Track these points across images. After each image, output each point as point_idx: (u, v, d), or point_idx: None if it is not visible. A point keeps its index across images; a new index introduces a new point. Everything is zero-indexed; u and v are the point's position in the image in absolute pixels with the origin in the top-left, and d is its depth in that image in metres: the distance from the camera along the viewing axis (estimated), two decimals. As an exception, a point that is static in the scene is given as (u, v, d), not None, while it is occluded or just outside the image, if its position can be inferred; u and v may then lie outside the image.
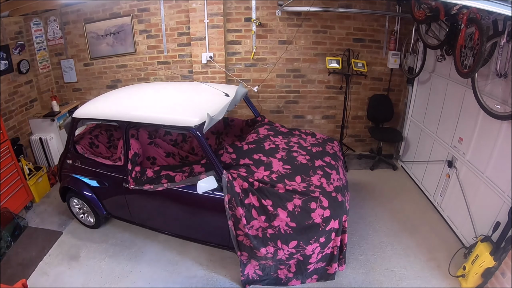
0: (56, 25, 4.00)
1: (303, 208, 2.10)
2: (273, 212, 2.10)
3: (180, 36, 3.93)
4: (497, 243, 2.15)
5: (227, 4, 3.74)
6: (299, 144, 2.77)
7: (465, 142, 2.78)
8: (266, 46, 3.93)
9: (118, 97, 2.93)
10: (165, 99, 2.77)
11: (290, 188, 2.20)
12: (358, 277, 2.45)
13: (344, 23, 3.84)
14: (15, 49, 3.59)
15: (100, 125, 3.19)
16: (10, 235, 2.79)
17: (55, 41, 4.06)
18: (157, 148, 3.01)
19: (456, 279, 2.39)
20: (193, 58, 3.89)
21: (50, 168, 3.83)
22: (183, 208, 2.46)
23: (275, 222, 2.10)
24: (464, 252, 2.50)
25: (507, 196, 2.23)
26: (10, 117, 3.57)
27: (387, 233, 2.91)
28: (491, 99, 2.37)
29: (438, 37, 2.88)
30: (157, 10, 3.83)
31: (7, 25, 3.50)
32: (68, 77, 4.25)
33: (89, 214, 2.93)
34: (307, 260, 2.21)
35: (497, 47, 2.19)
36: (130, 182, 2.46)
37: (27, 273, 2.50)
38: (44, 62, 4.04)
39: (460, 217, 2.79)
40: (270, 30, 3.86)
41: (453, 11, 2.37)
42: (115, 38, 4.01)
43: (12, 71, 3.57)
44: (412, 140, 3.91)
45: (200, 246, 2.67)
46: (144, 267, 2.57)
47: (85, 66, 4.20)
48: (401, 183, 3.76)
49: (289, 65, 4.02)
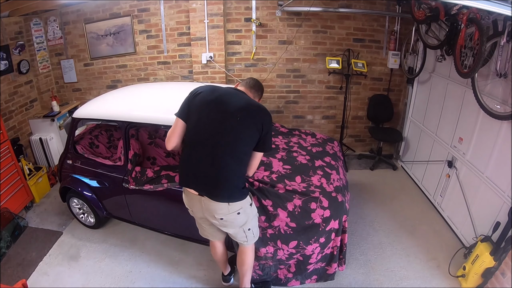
0: (56, 25, 4.00)
1: (303, 208, 2.10)
2: (273, 212, 2.10)
3: (180, 36, 3.93)
4: (497, 243, 2.15)
5: (227, 4, 3.74)
6: (299, 144, 2.77)
7: (465, 142, 2.78)
8: (266, 46, 3.93)
9: (118, 97, 2.94)
10: (165, 99, 2.77)
11: (290, 188, 2.20)
12: (358, 277, 2.45)
13: (344, 23, 3.84)
14: (15, 49, 3.59)
15: (100, 125, 3.19)
16: (10, 235, 2.80)
17: (55, 41, 4.07)
18: (157, 148, 3.01)
19: (456, 279, 2.39)
20: (193, 58, 3.89)
21: (50, 168, 3.83)
22: (183, 208, 2.45)
23: (275, 222, 2.10)
24: (464, 252, 2.49)
25: (507, 196, 2.23)
26: (10, 117, 3.58)
27: (387, 233, 2.91)
28: (491, 99, 2.37)
29: (438, 37, 2.88)
30: (157, 10, 3.83)
31: (7, 25, 3.50)
32: (68, 77, 4.25)
33: (89, 214, 2.93)
34: (307, 260, 2.21)
35: (497, 47, 2.19)
36: (130, 182, 2.46)
37: (27, 273, 2.50)
38: (44, 62, 4.04)
39: (460, 217, 2.79)
40: (270, 30, 3.86)
41: (453, 11, 2.37)
42: (115, 38, 4.01)
43: (12, 71, 3.57)
44: (412, 140, 3.91)
45: (200, 246, 2.66)
46: (144, 267, 2.57)
47: (85, 66, 4.20)
48: (401, 183, 3.76)
49: (289, 65, 4.02)
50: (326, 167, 2.49)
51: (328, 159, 2.61)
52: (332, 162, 2.58)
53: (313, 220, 2.08)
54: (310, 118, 4.32)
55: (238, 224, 1.84)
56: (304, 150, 2.69)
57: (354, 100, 4.17)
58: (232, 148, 1.71)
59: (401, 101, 4.23)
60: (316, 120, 4.34)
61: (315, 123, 4.35)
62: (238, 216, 1.80)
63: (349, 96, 4.01)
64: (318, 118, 4.32)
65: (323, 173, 2.41)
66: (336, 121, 4.33)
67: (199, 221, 2.02)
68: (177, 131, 1.83)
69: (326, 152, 2.73)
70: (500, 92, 2.31)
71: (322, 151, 2.74)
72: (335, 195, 2.19)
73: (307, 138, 2.94)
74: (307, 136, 2.99)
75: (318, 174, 2.40)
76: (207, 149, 1.70)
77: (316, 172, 2.41)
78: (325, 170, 2.45)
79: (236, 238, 1.96)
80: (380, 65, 4.05)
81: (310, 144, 2.81)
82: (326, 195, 2.17)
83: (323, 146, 2.82)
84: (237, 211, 1.77)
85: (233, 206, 1.75)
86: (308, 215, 2.09)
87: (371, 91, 4.17)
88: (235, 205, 1.75)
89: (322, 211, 2.09)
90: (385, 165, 4.11)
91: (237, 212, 1.77)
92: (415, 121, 3.81)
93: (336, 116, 4.31)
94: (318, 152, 2.69)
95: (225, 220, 1.79)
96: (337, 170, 2.51)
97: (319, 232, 2.09)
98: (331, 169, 2.49)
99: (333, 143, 2.95)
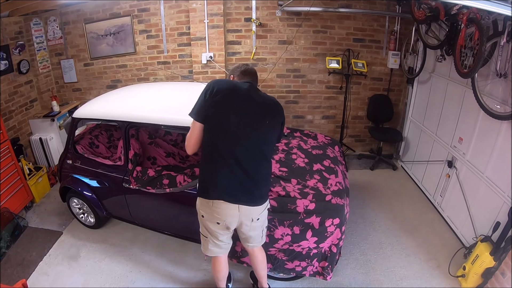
0: (56, 25, 4.00)
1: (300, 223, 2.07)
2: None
3: (180, 36, 3.93)
4: (497, 243, 2.15)
5: (227, 4, 3.74)
6: (299, 146, 2.74)
7: (465, 142, 2.78)
8: (266, 46, 3.93)
9: (118, 97, 2.94)
10: (165, 99, 2.77)
11: (283, 193, 2.15)
12: (358, 277, 2.45)
13: (344, 23, 3.84)
14: (15, 49, 3.59)
15: (100, 125, 3.19)
16: (10, 235, 2.80)
17: (55, 41, 4.06)
18: (157, 148, 3.01)
19: (456, 279, 2.39)
20: (193, 58, 3.89)
21: (50, 168, 3.83)
22: (183, 208, 2.45)
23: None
24: (464, 252, 2.50)
25: (507, 196, 2.23)
26: (10, 117, 3.57)
27: (387, 233, 2.91)
28: (491, 99, 2.37)
29: (438, 37, 2.88)
30: (157, 10, 3.83)
31: (7, 25, 3.50)
32: (68, 77, 4.25)
33: (89, 214, 2.93)
34: (272, 243, 2.14)
35: (497, 47, 2.19)
36: (132, 182, 2.46)
37: (27, 273, 2.50)
38: (44, 62, 4.04)
39: (460, 217, 2.79)
40: (270, 30, 3.86)
41: (453, 11, 2.37)
42: (115, 38, 4.01)
43: (12, 71, 3.57)
44: (412, 140, 3.91)
45: (200, 246, 2.66)
46: (144, 267, 2.57)
47: (85, 66, 4.20)
48: (401, 183, 3.76)
49: (289, 65, 4.02)
50: (324, 171, 2.44)
51: (327, 162, 2.56)
52: (331, 166, 2.53)
53: (295, 207, 2.06)
54: (310, 118, 4.32)
55: (264, 219, 1.84)
56: (304, 152, 2.66)
57: (354, 100, 4.17)
58: (261, 151, 1.70)
59: (401, 101, 4.23)
60: (316, 120, 4.34)
61: (315, 123, 4.35)
62: (266, 213, 1.83)
63: (349, 96, 4.01)
64: (318, 118, 4.32)
65: (320, 177, 2.36)
66: (336, 121, 4.33)
67: (217, 232, 1.82)
68: (196, 134, 1.72)
69: (326, 155, 2.67)
70: (500, 92, 2.31)
71: (323, 154, 2.68)
72: (330, 198, 2.14)
73: (308, 140, 2.89)
74: (308, 138, 2.94)
75: (315, 178, 2.35)
76: (238, 155, 1.64)
77: (313, 176, 2.36)
78: (323, 174, 2.40)
79: (254, 240, 1.89)
80: (380, 65, 4.05)
81: (310, 147, 2.77)
82: (321, 199, 2.13)
83: (324, 149, 2.76)
84: (267, 206, 1.80)
85: (265, 204, 1.78)
86: (302, 221, 2.06)
87: (371, 91, 4.17)
88: (266, 203, 1.78)
89: (307, 203, 2.08)
90: (385, 165, 4.11)
91: (267, 208, 1.80)
92: (415, 121, 3.81)
93: (336, 116, 4.31)
94: (318, 155, 2.64)
95: (260, 220, 1.79)
96: (336, 174, 2.45)
97: (297, 221, 2.05)
98: (330, 173, 2.44)
99: (334, 147, 2.90)
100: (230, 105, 1.67)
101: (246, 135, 1.65)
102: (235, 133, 1.64)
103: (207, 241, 1.89)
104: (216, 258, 2.00)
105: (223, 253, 1.98)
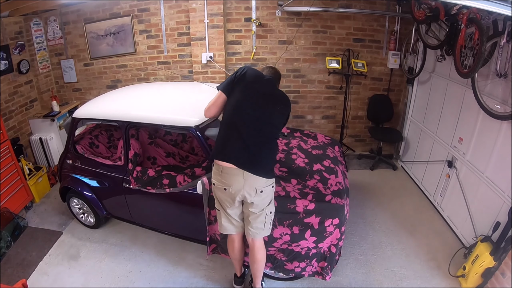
0: (56, 25, 4.00)
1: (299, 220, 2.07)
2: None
3: (180, 36, 3.93)
4: (497, 243, 2.15)
5: (227, 4, 3.75)
6: (299, 146, 2.74)
7: (465, 142, 2.78)
8: (266, 46, 3.93)
9: (118, 97, 2.94)
10: (165, 99, 2.77)
11: (283, 193, 2.16)
12: (358, 277, 2.45)
13: (344, 23, 3.85)
14: (15, 49, 3.59)
15: (100, 125, 3.19)
16: (10, 235, 2.80)
17: (55, 41, 4.07)
18: (157, 148, 3.01)
19: (456, 279, 2.39)
20: (193, 58, 3.89)
21: (50, 168, 3.83)
22: (183, 208, 2.46)
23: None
24: (464, 252, 2.49)
25: (507, 196, 2.23)
26: (10, 117, 3.58)
27: (387, 233, 2.91)
28: (491, 99, 2.37)
29: (438, 37, 2.87)
30: (157, 10, 3.83)
31: (7, 25, 3.50)
32: (68, 77, 4.25)
33: (89, 214, 2.93)
34: (271, 242, 2.16)
35: (497, 47, 2.19)
36: (132, 182, 2.46)
37: (27, 273, 2.50)
38: (44, 62, 4.04)
39: (460, 217, 2.79)
40: (270, 30, 3.86)
41: (453, 11, 2.37)
42: (115, 38, 4.01)
43: (12, 71, 3.57)
44: (412, 140, 3.91)
45: (200, 246, 2.66)
46: (144, 267, 2.57)
47: (85, 66, 4.20)
48: (401, 183, 3.76)
49: (289, 65, 4.02)
50: (324, 171, 2.43)
51: (327, 162, 2.55)
52: (331, 166, 2.52)
53: (295, 207, 2.08)
54: (310, 118, 4.32)
55: (268, 200, 1.95)
56: (304, 152, 2.65)
57: (354, 100, 4.17)
58: (270, 133, 1.96)
59: (401, 101, 4.23)
60: (316, 120, 4.34)
61: (315, 123, 4.35)
62: (271, 191, 1.95)
63: (349, 96, 4.01)
64: (318, 118, 4.32)
65: (320, 177, 2.36)
66: (336, 121, 4.33)
67: (225, 203, 1.96)
68: (219, 102, 2.02)
69: (326, 155, 2.66)
70: (500, 92, 2.31)
71: (323, 154, 2.67)
72: (330, 198, 2.14)
73: (309, 140, 2.88)
74: (308, 138, 2.93)
75: (315, 178, 2.34)
76: (250, 130, 1.88)
77: (313, 176, 2.36)
78: (323, 175, 2.39)
79: (256, 222, 1.96)
80: (380, 65, 4.05)
81: (310, 147, 2.76)
82: (321, 199, 2.13)
83: (324, 149, 2.75)
84: (271, 184, 1.94)
85: (269, 181, 1.93)
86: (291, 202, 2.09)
87: (371, 91, 4.17)
88: (270, 180, 1.93)
89: (306, 203, 2.08)
90: (385, 165, 4.11)
91: (271, 185, 1.94)
92: (415, 121, 3.81)
93: (336, 116, 4.31)
94: (318, 155, 2.63)
95: (264, 193, 1.90)
96: (336, 174, 2.44)
97: (297, 220, 2.07)
98: (330, 173, 2.43)
99: (334, 147, 2.90)
100: (253, 88, 1.96)
101: (261, 115, 1.92)
102: (253, 111, 1.90)
103: (220, 215, 2.05)
104: (229, 237, 2.13)
105: (235, 232, 2.08)
